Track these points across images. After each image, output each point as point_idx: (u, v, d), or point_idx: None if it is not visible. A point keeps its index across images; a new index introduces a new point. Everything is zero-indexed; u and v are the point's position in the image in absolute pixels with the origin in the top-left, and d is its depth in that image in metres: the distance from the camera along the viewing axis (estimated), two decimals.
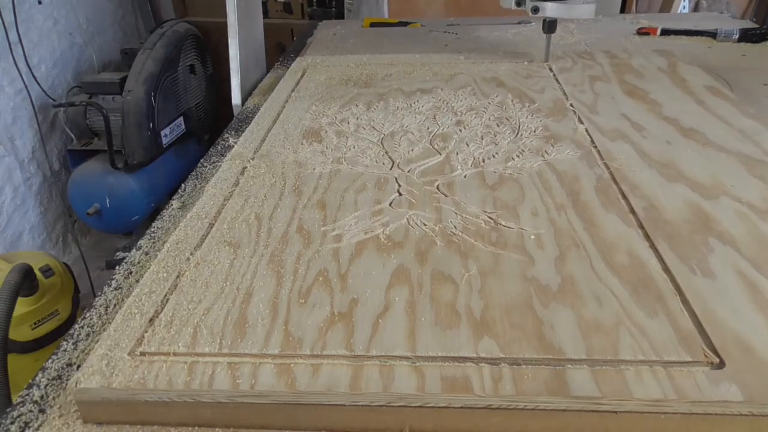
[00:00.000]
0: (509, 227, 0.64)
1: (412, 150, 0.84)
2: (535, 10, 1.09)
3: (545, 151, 0.82)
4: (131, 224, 2.00)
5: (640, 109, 0.95)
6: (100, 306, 0.61)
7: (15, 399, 0.51)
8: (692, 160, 0.77)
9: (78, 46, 2.34)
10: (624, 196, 0.70)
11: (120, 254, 0.68)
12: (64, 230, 2.27)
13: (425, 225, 0.66)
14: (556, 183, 0.73)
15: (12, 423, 0.48)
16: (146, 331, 0.51)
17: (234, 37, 1.22)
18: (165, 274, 0.59)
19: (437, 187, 0.74)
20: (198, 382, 0.46)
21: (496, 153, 0.82)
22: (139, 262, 0.67)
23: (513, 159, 0.80)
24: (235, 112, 1.18)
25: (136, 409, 0.46)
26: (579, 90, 1.04)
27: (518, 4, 1.12)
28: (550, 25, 1.14)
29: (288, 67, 1.28)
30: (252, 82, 1.32)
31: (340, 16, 2.57)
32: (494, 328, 0.50)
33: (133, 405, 0.46)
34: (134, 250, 0.70)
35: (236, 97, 1.24)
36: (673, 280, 0.55)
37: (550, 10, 1.10)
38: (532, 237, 0.63)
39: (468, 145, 0.85)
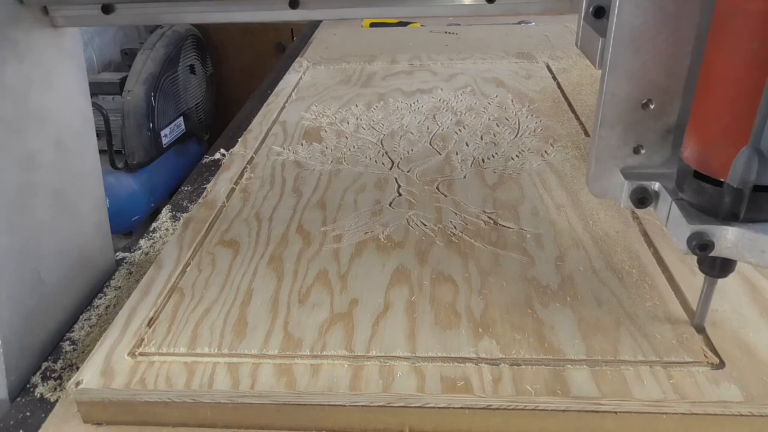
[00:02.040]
0: (509, 227, 0.64)
1: (412, 150, 0.84)
2: (703, 246, 0.42)
3: (545, 151, 0.82)
4: (131, 224, 2.00)
5: None
6: (100, 306, 0.61)
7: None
8: None
9: None
10: None
11: (120, 254, 0.68)
12: None
13: (425, 225, 0.66)
14: (556, 183, 0.73)
15: (12, 423, 0.48)
16: (146, 332, 0.51)
17: None
18: (165, 275, 0.59)
19: (437, 187, 0.74)
20: (198, 382, 0.46)
21: (496, 153, 0.82)
22: (139, 263, 0.67)
23: (513, 159, 0.80)
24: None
25: (136, 409, 0.46)
26: (579, 90, 1.04)
27: (641, 201, 0.46)
28: (723, 267, 0.46)
29: (288, 67, 1.28)
30: (53, 328, 0.58)
31: None
32: (494, 328, 0.50)
33: (133, 405, 0.46)
34: (134, 250, 0.70)
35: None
36: (673, 280, 0.55)
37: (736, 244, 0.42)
38: (528, 236, 0.63)
39: (468, 145, 0.85)
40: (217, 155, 0.89)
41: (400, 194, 0.73)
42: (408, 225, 0.66)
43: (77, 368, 0.52)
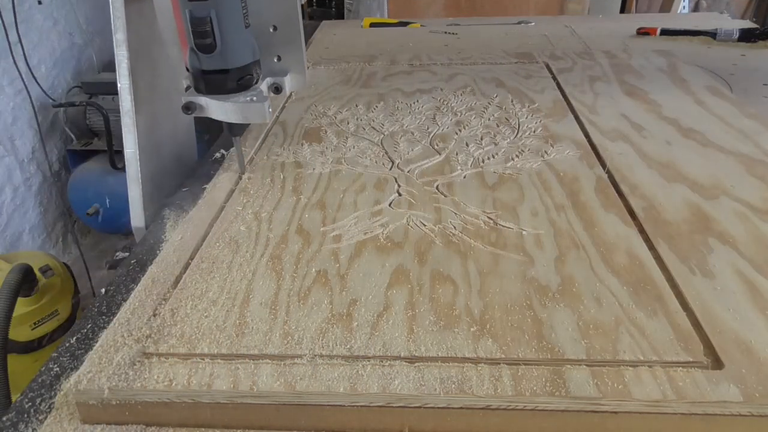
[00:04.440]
0: (509, 227, 0.64)
1: (412, 150, 0.84)
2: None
3: (545, 152, 0.82)
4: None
5: (640, 109, 0.95)
6: (100, 306, 0.61)
7: (15, 399, 0.51)
8: (692, 160, 0.77)
9: (78, 46, 2.34)
10: (624, 197, 0.70)
11: (120, 254, 0.69)
12: (64, 230, 2.27)
13: (425, 225, 0.66)
14: (556, 183, 0.73)
15: (11, 423, 0.48)
16: (146, 332, 0.51)
17: (131, 131, 0.79)
18: (165, 275, 0.59)
19: (437, 188, 0.74)
20: (197, 382, 0.46)
21: (496, 153, 0.82)
22: (139, 263, 0.67)
23: (513, 159, 0.80)
24: (137, 237, 0.80)
25: (136, 409, 0.46)
26: (579, 90, 1.04)
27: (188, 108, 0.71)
28: (233, 130, 0.76)
29: None
30: (168, 187, 0.85)
31: (340, 16, 2.58)
32: (494, 328, 0.50)
33: (133, 405, 0.46)
34: (134, 250, 0.70)
35: (137, 216, 0.80)
36: (672, 280, 0.55)
37: (208, 108, 0.72)
38: (524, 233, 0.62)
39: (468, 146, 0.85)
40: (217, 155, 0.89)
41: (399, 194, 0.73)
42: (407, 225, 0.66)
43: (76, 368, 0.52)
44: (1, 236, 2.00)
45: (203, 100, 0.71)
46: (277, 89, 0.76)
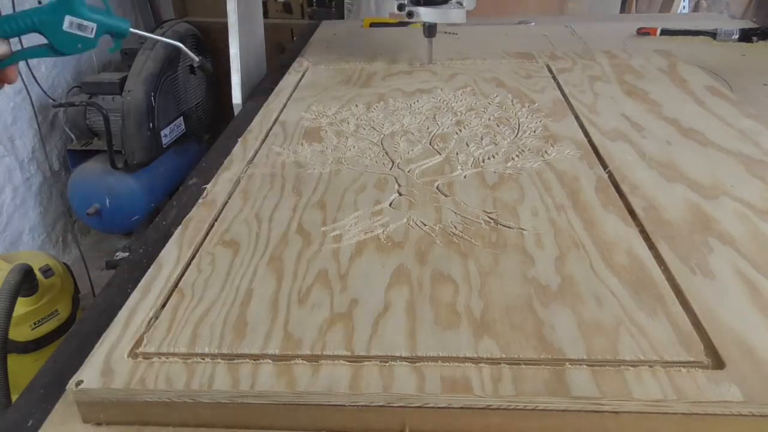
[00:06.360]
0: (509, 227, 0.64)
1: (412, 150, 0.84)
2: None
3: (545, 151, 0.82)
4: (131, 224, 2.00)
5: (640, 109, 0.95)
6: (100, 306, 0.61)
7: (15, 399, 0.51)
8: (692, 160, 0.77)
9: None
10: (624, 197, 0.70)
11: (120, 254, 0.69)
12: (64, 230, 2.27)
13: (425, 225, 0.66)
14: (556, 183, 0.73)
15: (11, 423, 0.48)
16: (146, 332, 0.51)
17: (234, 37, 1.24)
18: (165, 275, 0.59)
19: (437, 188, 0.74)
20: (198, 382, 0.46)
21: (496, 153, 0.82)
22: (138, 263, 0.67)
23: (513, 159, 0.80)
24: (236, 112, 1.20)
25: (136, 409, 0.46)
26: (579, 90, 1.04)
27: (402, 9, 1.13)
28: (430, 31, 1.20)
29: (288, 67, 1.28)
30: (252, 82, 1.32)
31: (340, 16, 2.57)
32: (494, 328, 0.50)
33: (133, 405, 0.46)
34: (134, 250, 0.70)
35: (237, 97, 1.25)
36: (672, 280, 0.55)
37: (426, 15, 1.13)
38: (524, 233, 0.62)
39: (468, 145, 0.85)
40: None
41: (400, 194, 0.73)
42: (408, 225, 0.66)
43: (77, 368, 0.52)
44: (1, 236, 2.00)
45: (419, 9, 1.09)
46: (460, 4, 1.15)
